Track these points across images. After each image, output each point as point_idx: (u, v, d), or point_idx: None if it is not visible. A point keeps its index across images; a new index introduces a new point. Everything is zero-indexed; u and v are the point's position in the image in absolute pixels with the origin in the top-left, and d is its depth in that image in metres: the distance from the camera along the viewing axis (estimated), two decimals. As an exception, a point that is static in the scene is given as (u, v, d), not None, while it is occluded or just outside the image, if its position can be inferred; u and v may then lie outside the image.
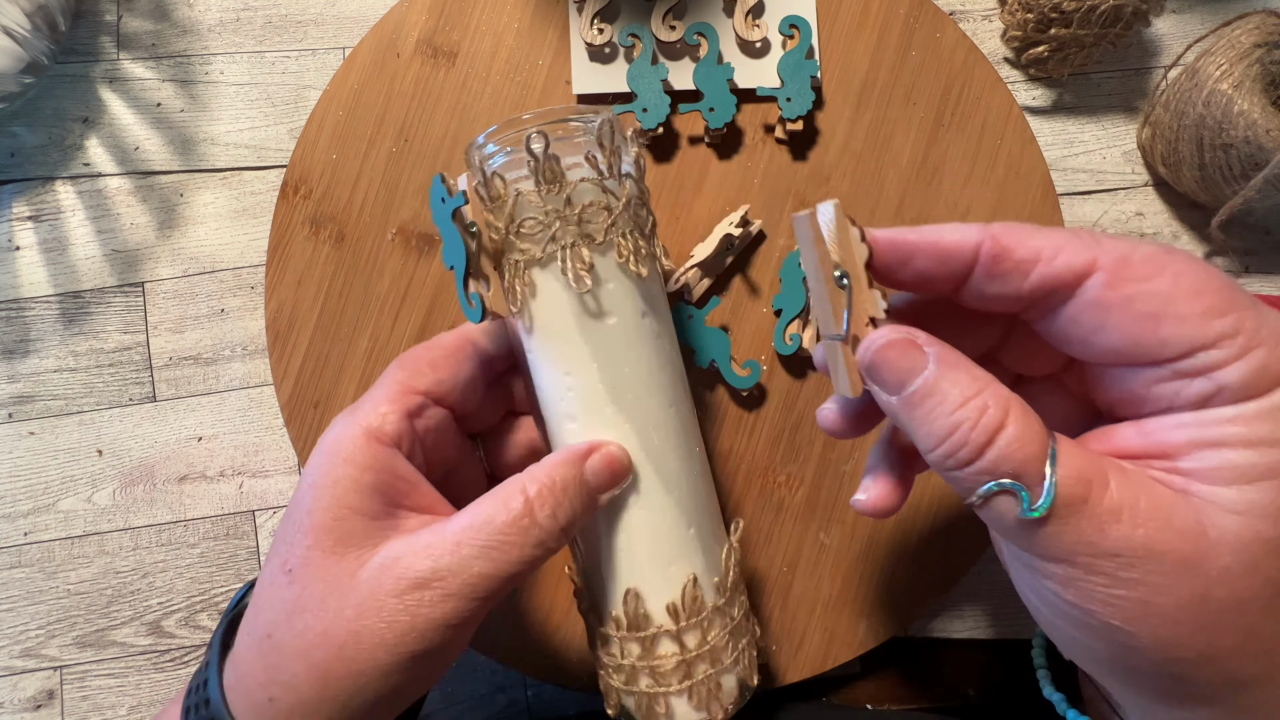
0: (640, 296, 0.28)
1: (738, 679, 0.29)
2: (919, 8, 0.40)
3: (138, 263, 0.41)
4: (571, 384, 0.28)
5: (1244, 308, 0.18)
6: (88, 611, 0.40)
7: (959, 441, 0.19)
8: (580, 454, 0.26)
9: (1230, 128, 0.38)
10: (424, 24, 0.40)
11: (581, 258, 0.26)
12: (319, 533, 0.24)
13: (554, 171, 0.27)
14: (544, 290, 0.27)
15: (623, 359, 0.27)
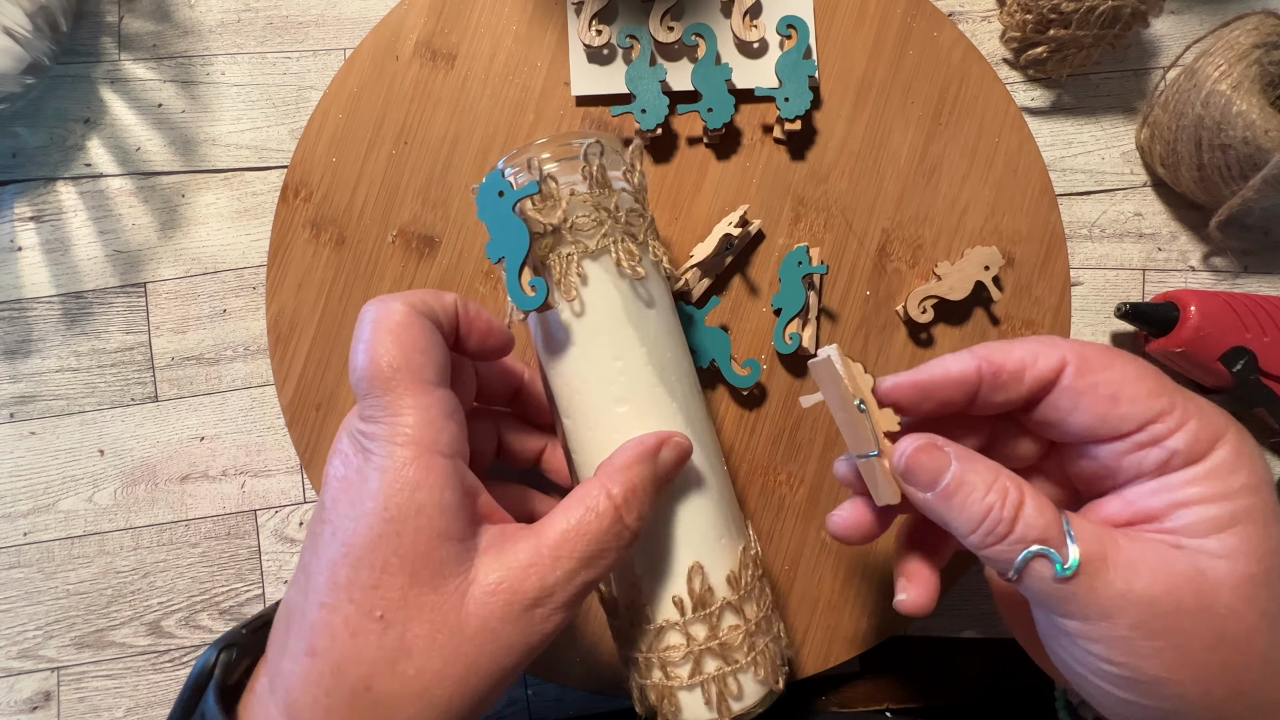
0: (667, 292, 0.31)
1: (757, 680, 0.29)
2: (916, 7, 0.40)
3: (140, 263, 0.41)
4: (622, 368, 0.29)
5: (1173, 390, 0.23)
6: (87, 612, 0.40)
7: (995, 520, 0.23)
8: (651, 448, 0.27)
9: (1229, 128, 0.38)
10: (423, 26, 0.40)
11: (631, 250, 0.29)
12: (414, 569, 0.23)
13: (604, 177, 0.29)
14: (595, 280, 0.29)
15: (665, 344, 0.30)
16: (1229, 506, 0.22)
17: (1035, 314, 0.40)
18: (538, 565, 0.24)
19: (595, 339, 0.29)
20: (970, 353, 0.25)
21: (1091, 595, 0.22)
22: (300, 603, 0.24)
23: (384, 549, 0.23)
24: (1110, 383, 0.23)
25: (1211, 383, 0.40)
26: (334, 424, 0.39)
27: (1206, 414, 0.23)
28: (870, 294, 0.40)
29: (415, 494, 0.23)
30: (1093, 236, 0.43)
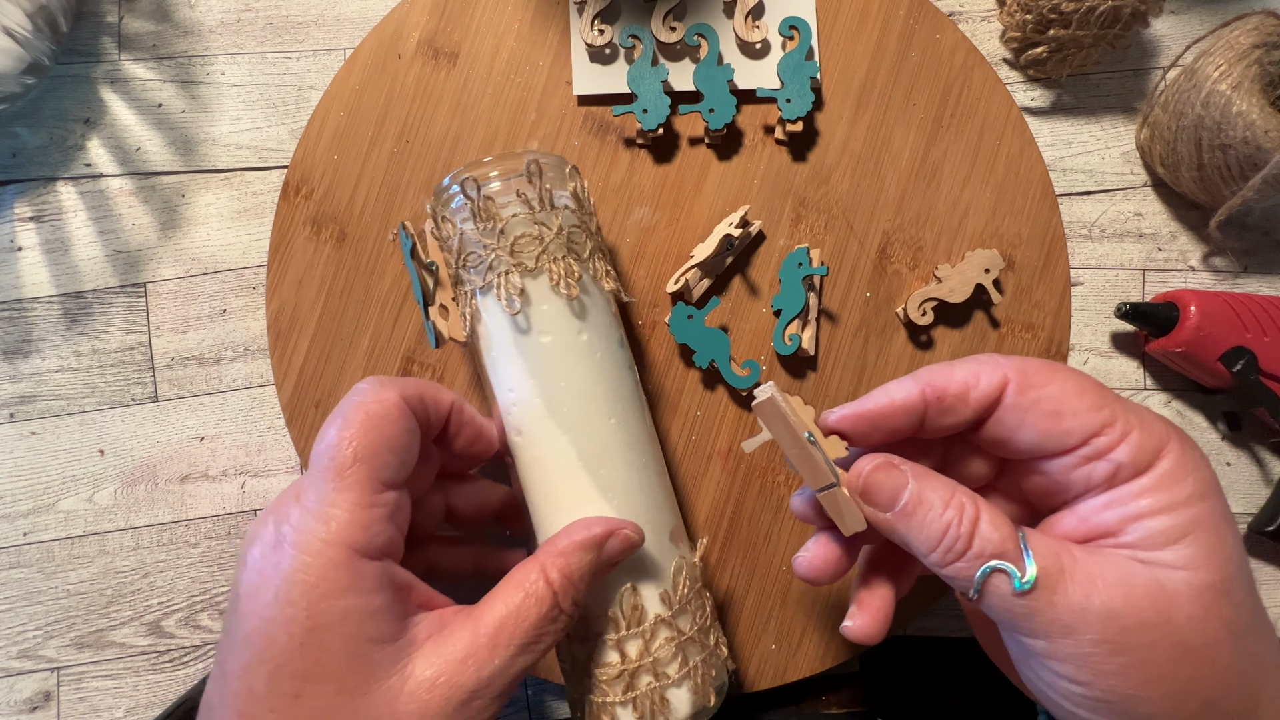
0: (574, 316, 0.30)
1: (690, 695, 0.29)
2: (919, 9, 0.40)
3: (140, 263, 0.41)
4: (515, 399, 0.30)
5: (1114, 401, 0.23)
6: (87, 612, 0.40)
7: (953, 537, 0.23)
8: (598, 539, 0.27)
9: (1229, 128, 0.38)
10: (425, 25, 0.40)
11: (513, 284, 0.29)
12: (341, 677, 0.22)
13: (490, 210, 0.30)
14: (487, 314, 0.30)
15: (558, 374, 0.30)
16: (1181, 516, 0.22)
17: (1035, 317, 0.40)
18: (475, 656, 0.24)
19: (493, 372, 0.31)
20: (913, 378, 0.25)
21: (1051, 610, 0.21)
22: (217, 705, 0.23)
23: (307, 658, 0.22)
24: (1051, 398, 0.23)
25: (1211, 382, 0.40)
26: (335, 424, 0.39)
27: (1149, 424, 0.23)
28: (870, 296, 0.40)
29: (339, 601, 0.23)
30: (1093, 236, 0.43)
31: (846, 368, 0.39)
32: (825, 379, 0.39)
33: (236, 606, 0.23)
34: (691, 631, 0.30)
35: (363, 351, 0.39)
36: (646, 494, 0.31)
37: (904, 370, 0.39)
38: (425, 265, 0.32)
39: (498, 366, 0.31)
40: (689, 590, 0.30)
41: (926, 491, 0.24)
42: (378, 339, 0.39)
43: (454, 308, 0.32)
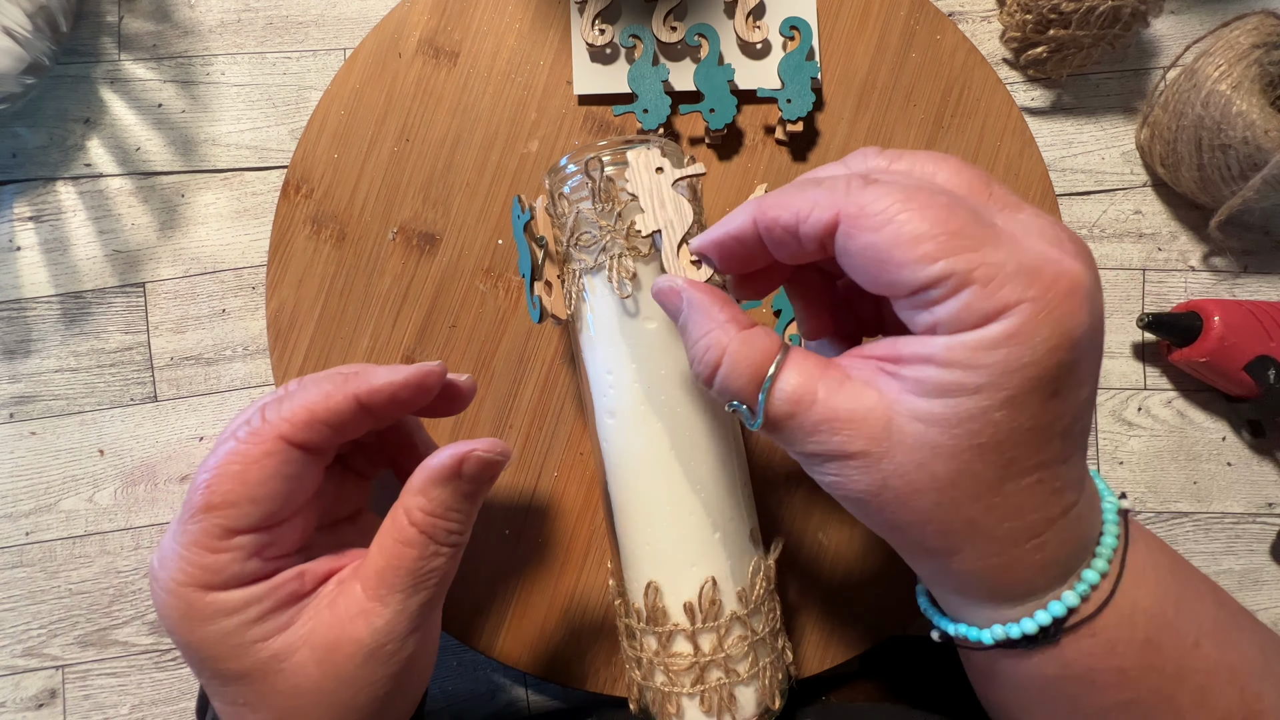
0: None
1: (756, 695, 0.29)
2: (919, 10, 0.40)
3: (139, 263, 0.41)
4: (613, 382, 0.30)
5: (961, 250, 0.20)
6: (89, 611, 0.40)
7: (697, 371, 0.24)
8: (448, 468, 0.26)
9: (1229, 128, 0.38)
10: (426, 24, 0.40)
11: (626, 266, 0.29)
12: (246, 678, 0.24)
13: (609, 191, 0.30)
14: (592, 295, 0.30)
15: (660, 361, 0.29)
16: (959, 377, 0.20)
17: (1035, 315, 0.40)
18: (365, 612, 0.25)
19: (592, 352, 0.31)
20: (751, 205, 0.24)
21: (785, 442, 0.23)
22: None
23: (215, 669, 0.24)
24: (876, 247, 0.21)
25: (1238, 391, 0.41)
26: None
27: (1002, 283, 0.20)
28: (871, 294, 0.40)
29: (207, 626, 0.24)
30: (1093, 236, 0.43)
31: (846, 368, 0.39)
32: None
33: None
34: (763, 633, 0.30)
35: (362, 351, 0.39)
36: (731, 491, 0.31)
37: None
38: (536, 239, 0.31)
39: (596, 347, 0.30)
40: (764, 591, 0.30)
41: (690, 321, 0.24)
42: (377, 338, 0.39)
43: (558, 285, 0.32)
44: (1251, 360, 0.39)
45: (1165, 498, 0.42)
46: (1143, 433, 0.42)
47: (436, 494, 0.25)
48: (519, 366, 0.39)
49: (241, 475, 0.24)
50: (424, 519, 0.25)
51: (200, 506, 0.24)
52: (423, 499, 0.25)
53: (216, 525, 0.24)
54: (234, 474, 0.24)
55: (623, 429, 0.30)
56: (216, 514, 0.24)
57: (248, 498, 0.24)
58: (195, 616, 0.24)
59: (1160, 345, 0.42)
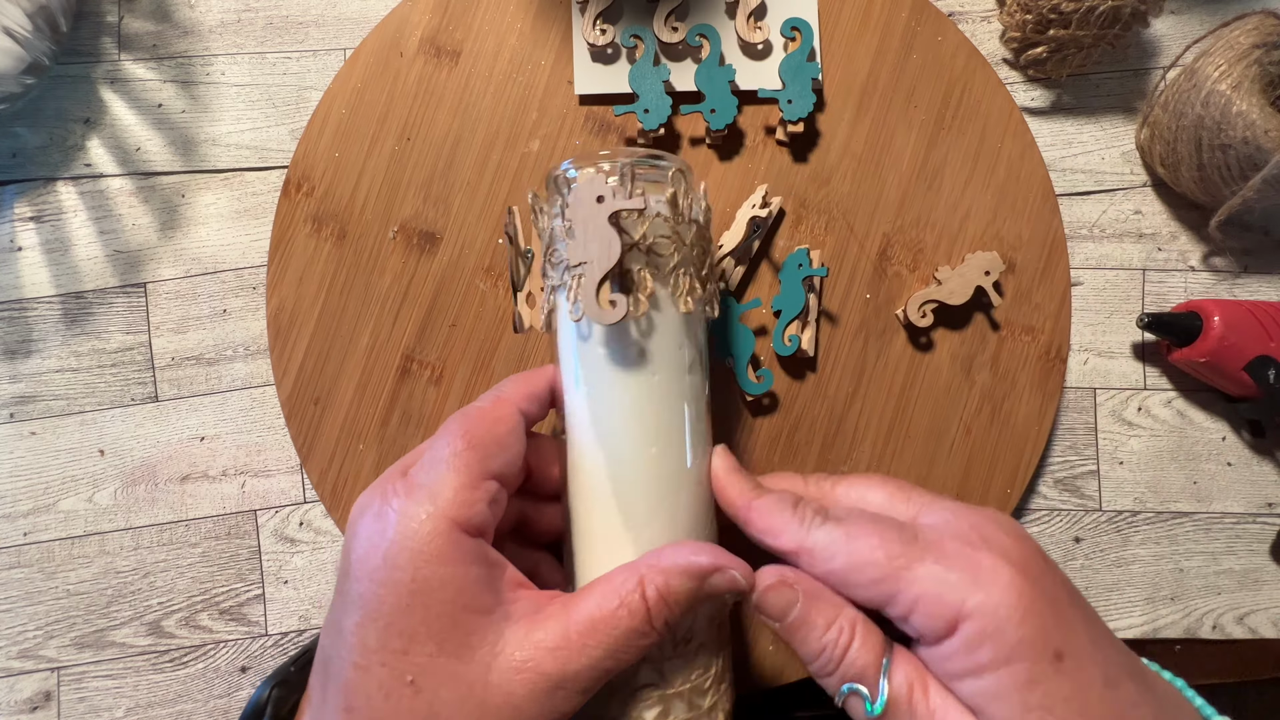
0: (637, 333, 0.29)
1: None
2: (920, 11, 0.40)
3: (140, 263, 0.41)
4: (568, 401, 0.30)
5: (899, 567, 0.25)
6: (87, 612, 0.40)
7: (827, 658, 0.25)
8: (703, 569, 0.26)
9: (1229, 128, 0.38)
10: (427, 23, 0.40)
11: (694, 285, 0.29)
12: (441, 639, 0.24)
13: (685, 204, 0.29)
14: (560, 313, 0.30)
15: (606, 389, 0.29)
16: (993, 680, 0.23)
17: (1035, 319, 0.40)
18: (564, 649, 0.24)
19: (645, 367, 0.29)
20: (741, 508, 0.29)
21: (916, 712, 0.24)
22: (334, 657, 0.25)
23: (413, 617, 0.24)
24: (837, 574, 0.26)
25: (1237, 391, 0.41)
26: (332, 419, 0.39)
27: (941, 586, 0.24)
28: (870, 297, 0.40)
29: (441, 568, 0.24)
30: (1092, 236, 0.43)
31: (846, 369, 0.39)
32: (825, 380, 0.39)
33: (349, 571, 0.26)
34: (720, 666, 0.29)
35: (362, 349, 0.39)
36: (672, 530, 0.29)
37: (903, 373, 0.39)
38: (521, 252, 0.31)
39: (561, 365, 0.30)
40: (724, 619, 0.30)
41: (812, 613, 0.26)
42: (378, 336, 0.39)
43: (540, 297, 0.31)
44: (1251, 360, 0.39)
45: (1165, 498, 0.42)
46: (1143, 433, 0.42)
47: (679, 584, 0.25)
48: (519, 366, 0.39)
49: (492, 427, 0.27)
50: (656, 598, 0.25)
51: (463, 447, 0.26)
52: (664, 579, 0.25)
53: (475, 463, 0.26)
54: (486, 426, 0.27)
55: (571, 451, 0.29)
56: (476, 453, 0.26)
57: (497, 444, 0.27)
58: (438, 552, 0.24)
59: (1160, 345, 0.42)
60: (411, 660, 0.24)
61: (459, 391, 0.39)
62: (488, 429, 0.27)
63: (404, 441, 0.39)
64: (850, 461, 0.39)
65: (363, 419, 0.39)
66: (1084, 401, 0.42)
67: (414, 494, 0.25)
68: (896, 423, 0.39)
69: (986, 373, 0.40)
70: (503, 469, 0.27)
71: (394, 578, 0.24)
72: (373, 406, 0.39)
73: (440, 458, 0.26)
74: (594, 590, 0.26)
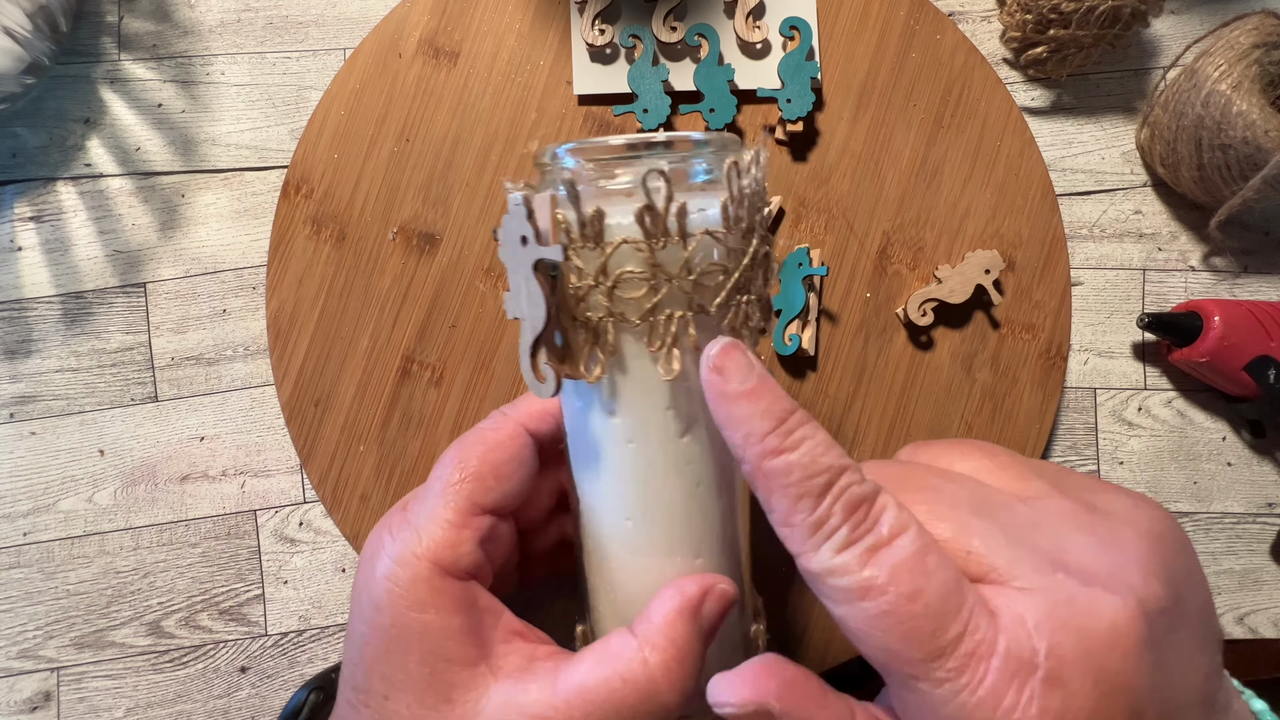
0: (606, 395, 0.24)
1: None
2: (919, 10, 0.40)
3: (139, 263, 0.41)
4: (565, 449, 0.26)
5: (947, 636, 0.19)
6: (87, 612, 0.40)
7: None
8: (694, 601, 0.23)
9: (1229, 128, 0.38)
10: (426, 24, 0.40)
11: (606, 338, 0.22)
12: (420, 690, 0.23)
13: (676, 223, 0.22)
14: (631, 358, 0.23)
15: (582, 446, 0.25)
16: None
17: (1035, 318, 0.40)
18: (550, 717, 0.22)
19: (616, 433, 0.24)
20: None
21: None
22: (340, 689, 0.25)
23: (392, 664, 0.23)
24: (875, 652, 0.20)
25: (1236, 391, 0.41)
26: (332, 421, 0.39)
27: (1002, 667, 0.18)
28: (870, 296, 0.40)
29: (421, 615, 0.23)
30: (1092, 236, 0.43)
31: (846, 368, 0.39)
32: (825, 379, 0.39)
33: (355, 586, 0.25)
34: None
35: (362, 351, 0.39)
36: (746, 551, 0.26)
37: (903, 372, 0.39)
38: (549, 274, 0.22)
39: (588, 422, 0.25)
40: None
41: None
42: (377, 338, 0.39)
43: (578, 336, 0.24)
44: (1251, 360, 0.39)
45: (1165, 498, 0.42)
46: (1143, 433, 0.42)
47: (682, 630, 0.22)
48: (519, 367, 0.39)
49: (490, 454, 0.25)
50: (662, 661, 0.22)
51: (455, 479, 0.24)
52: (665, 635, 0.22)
53: (466, 498, 0.24)
54: (483, 453, 0.25)
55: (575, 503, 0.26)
56: (469, 486, 0.24)
57: (492, 473, 0.25)
58: (418, 597, 0.23)
59: (1160, 345, 0.42)
60: (392, 707, 0.23)
61: (459, 392, 0.39)
62: (485, 457, 0.25)
63: (404, 443, 0.39)
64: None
65: (363, 420, 0.39)
66: (1084, 401, 0.42)
67: (402, 533, 0.24)
68: (898, 421, 0.39)
69: (987, 371, 0.40)
70: (501, 501, 0.25)
71: (377, 621, 0.23)
72: (373, 408, 0.39)
73: (433, 491, 0.25)
74: (590, 656, 0.23)
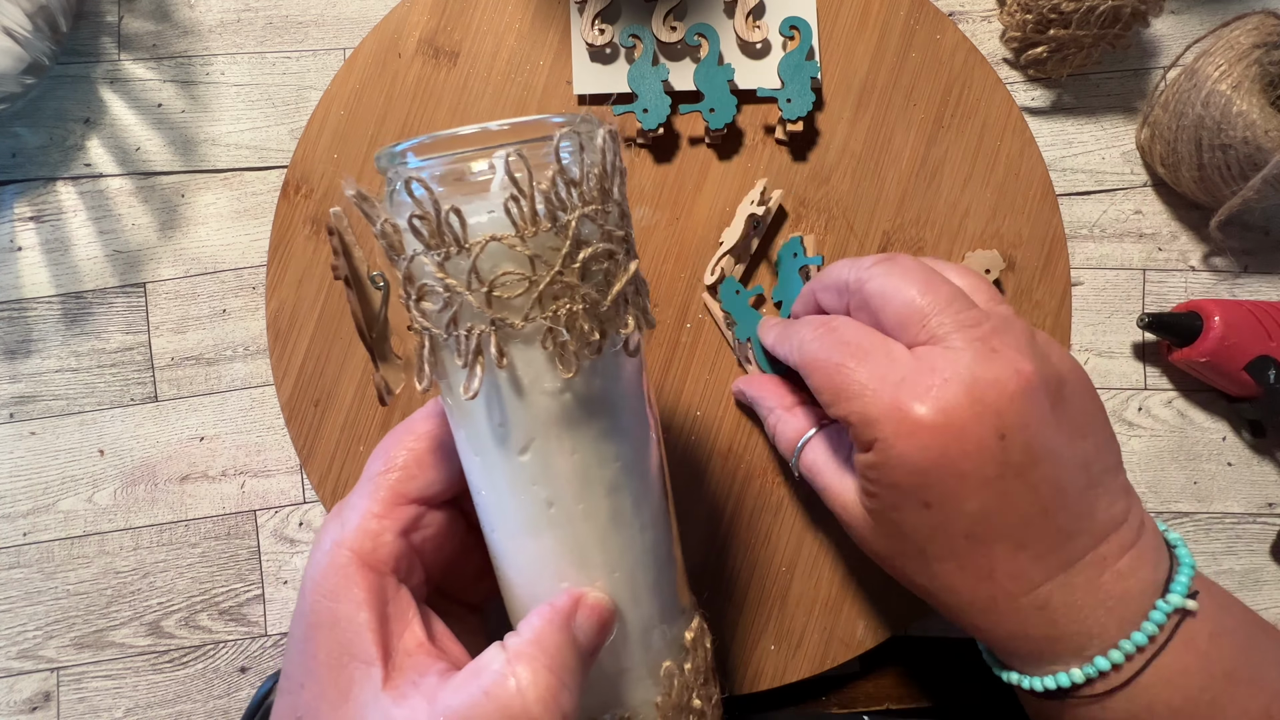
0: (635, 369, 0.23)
1: None
2: (919, 9, 0.40)
3: (139, 263, 0.41)
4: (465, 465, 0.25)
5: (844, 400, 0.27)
6: (86, 612, 0.40)
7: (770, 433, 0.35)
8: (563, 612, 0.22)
9: (1229, 128, 0.38)
10: (425, 24, 0.40)
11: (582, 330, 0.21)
12: (324, 682, 0.22)
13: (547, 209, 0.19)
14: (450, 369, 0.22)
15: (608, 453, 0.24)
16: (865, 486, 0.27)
17: (1035, 318, 0.40)
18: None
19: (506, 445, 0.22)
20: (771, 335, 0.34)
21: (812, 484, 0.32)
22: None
23: (306, 652, 0.23)
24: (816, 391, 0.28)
25: (1237, 391, 0.41)
26: (332, 421, 0.39)
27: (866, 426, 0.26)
28: (871, 294, 0.40)
29: (332, 604, 0.22)
30: (1093, 236, 0.43)
31: (847, 368, 0.39)
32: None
33: None
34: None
35: (362, 351, 0.39)
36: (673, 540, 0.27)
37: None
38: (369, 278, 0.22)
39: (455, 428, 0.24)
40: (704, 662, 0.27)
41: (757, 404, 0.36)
42: (378, 339, 0.39)
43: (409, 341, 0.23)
44: (1251, 360, 0.39)
45: (1165, 498, 0.42)
46: (1143, 433, 0.42)
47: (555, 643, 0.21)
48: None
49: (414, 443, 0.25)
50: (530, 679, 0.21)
51: (380, 468, 0.25)
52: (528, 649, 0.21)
53: (389, 487, 0.24)
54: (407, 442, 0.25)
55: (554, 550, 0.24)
56: (391, 475, 0.24)
57: (418, 462, 0.25)
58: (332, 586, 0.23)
59: (1160, 345, 0.42)
60: (304, 698, 0.22)
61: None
62: (411, 446, 0.25)
63: (403, 441, 0.39)
64: (850, 461, 0.39)
65: (363, 420, 0.39)
66: (1084, 401, 0.42)
67: (332, 523, 0.24)
68: (896, 423, 0.39)
69: (986, 373, 0.40)
70: (425, 490, 0.24)
71: (300, 608, 0.23)
72: (373, 408, 0.39)
73: (361, 480, 0.25)
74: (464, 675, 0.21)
